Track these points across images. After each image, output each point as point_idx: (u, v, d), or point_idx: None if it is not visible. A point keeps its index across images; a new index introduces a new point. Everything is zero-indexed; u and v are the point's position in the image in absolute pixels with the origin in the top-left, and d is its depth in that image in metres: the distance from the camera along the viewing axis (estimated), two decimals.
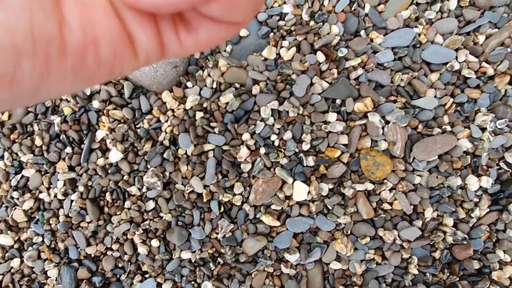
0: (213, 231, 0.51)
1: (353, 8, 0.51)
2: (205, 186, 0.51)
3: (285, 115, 0.49)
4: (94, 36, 0.13)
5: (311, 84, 0.50)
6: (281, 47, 0.52)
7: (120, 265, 0.53)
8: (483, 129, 0.48)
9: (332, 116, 0.49)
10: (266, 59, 0.52)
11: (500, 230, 0.48)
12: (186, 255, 0.51)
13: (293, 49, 0.51)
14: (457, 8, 0.50)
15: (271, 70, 0.51)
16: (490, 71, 0.48)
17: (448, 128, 0.48)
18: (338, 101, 0.50)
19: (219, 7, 0.13)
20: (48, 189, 0.54)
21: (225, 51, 0.53)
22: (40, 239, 0.53)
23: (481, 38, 0.49)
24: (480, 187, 0.48)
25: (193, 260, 0.51)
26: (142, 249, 0.51)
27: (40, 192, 0.54)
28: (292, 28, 0.52)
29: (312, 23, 0.52)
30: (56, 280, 0.53)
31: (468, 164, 0.48)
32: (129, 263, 0.52)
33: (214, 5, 0.13)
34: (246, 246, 0.50)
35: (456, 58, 0.49)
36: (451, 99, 0.48)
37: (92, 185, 0.53)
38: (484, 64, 0.49)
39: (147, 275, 0.52)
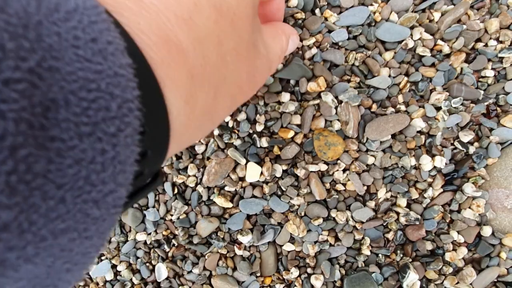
0: (167, 213, 0.51)
1: None
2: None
3: None
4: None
5: None
6: None
7: None
8: (437, 108, 0.47)
9: (285, 96, 0.48)
10: None
11: (454, 210, 0.47)
12: (141, 237, 0.51)
13: None
14: None
15: None
16: (446, 49, 0.47)
17: (403, 107, 0.48)
18: (292, 82, 0.49)
19: None
20: None
21: None
22: None
23: (436, 15, 0.48)
24: (434, 167, 0.47)
25: (148, 242, 0.51)
26: None
27: None
28: None
29: None
30: None
31: (422, 144, 0.47)
32: None
33: None
34: (199, 228, 0.50)
35: (411, 36, 0.48)
36: (406, 78, 0.48)
37: None
38: (439, 41, 0.48)
39: (103, 257, 0.52)
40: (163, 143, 0.18)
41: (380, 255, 0.47)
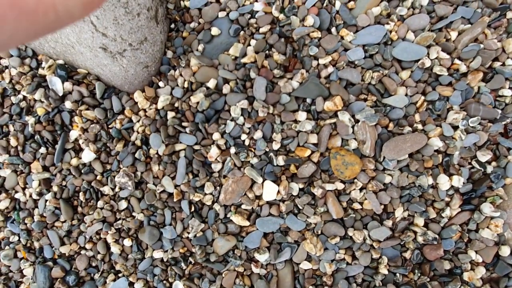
0: (184, 231, 0.51)
1: (324, 4, 0.51)
2: (176, 186, 0.51)
3: (254, 115, 0.49)
4: None
5: (272, 84, 0.49)
6: (248, 45, 0.51)
7: (93, 264, 0.53)
8: (455, 128, 0.47)
9: (301, 115, 0.48)
10: (236, 57, 0.52)
11: (472, 230, 0.47)
12: (158, 254, 0.51)
13: (252, 49, 0.50)
14: (429, 3, 0.49)
15: (239, 69, 0.51)
16: (463, 68, 0.47)
17: (419, 126, 0.48)
18: (308, 100, 0.49)
19: None
20: (23, 189, 0.54)
21: (197, 50, 0.53)
22: (16, 238, 0.54)
23: (453, 34, 0.48)
24: (452, 186, 0.47)
25: (165, 260, 0.52)
26: (115, 249, 0.52)
27: (16, 192, 0.54)
28: (261, 26, 0.51)
29: (282, 16, 0.51)
30: (31, 279, 0.53)
31: (440, 163, 0.47)
32: (103, 262, 0.53)
33: None
34: (216, 246, 0.50)
35: (428, 55, 0.48)
36: (422, 97, 0.48)
37: (66, 185, 0.53)
38: (456, 61, 0.48)
39: (120, 274, 0.53)
40: None
41: (397, 274, 0.47)
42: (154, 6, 0.51)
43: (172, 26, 0.55)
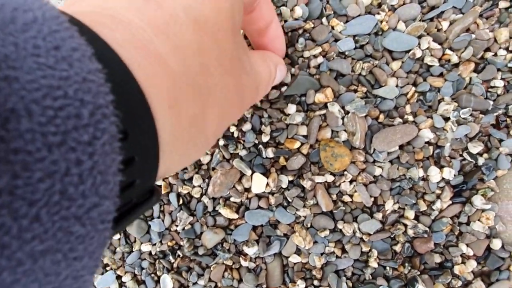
0: (172, 224, 0.51)
1: None
2: (164, 178, 0.50)
3: None
4: None
5: None
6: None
7: None
8: (446, 119, 0.47)
9: (291, 108, 0.48)
10: None
11: (463, 223, 0.46)
12: (146, 247, 0.51)
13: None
14: None
15: None
16: (454, 59, 0.47)
17: (410, 118, 0.47)
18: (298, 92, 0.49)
19: None
20: None
21: None
22: None
23: (444, 24, 0.47)
24: (443, 178, 0.46)
25: (153, 253, 0.51)
26: None
27: None
28: None
29: None
30: None
31: (431, 155, 0.47)
32: None
33: None
34: (204, 239, 0.50)
35: (419, 45, 0.47)
36: (413, 88, 0.47)
37: None
38: (447, 51, 0.47)
39: (108, 268, 0.52)
40: (151, 149, 0.18)
41: (387, 267, 0.47)
42: None
43: None
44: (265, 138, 0.48)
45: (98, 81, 0.13)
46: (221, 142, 0.49)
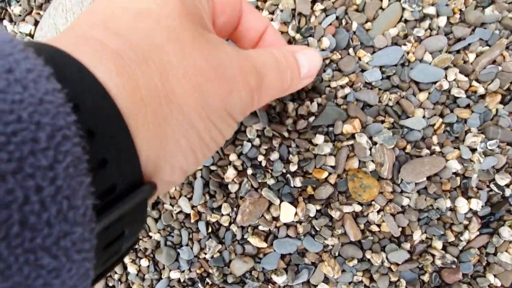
0: (201, 251, 0.51)
1: (341, 24, 0.51)
2: (193, 207, 0.51)
3: (268, 140, 0.49)
4: None
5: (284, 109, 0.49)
6: None
7: (110, 284, 0.53)
8: (473, 150, 0.47)
9: (319, 139, 0.48)
10: None
11: (490, 253, 0.47)
12: (175, 275, 0.52)
13: None
14: (447, 25, 0.49)
15: None
16: (481, 90, 0.47)
17: (437, 148, 0.48)
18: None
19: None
20: None
21: None
22: None
23: (471, 56, 0.48)
24: (470, 209, 0.47)
25: (182, 280, 0.52)
26: (131, 269, 0.52)
27: None
28: None
29: (298, 36, 0.51)
30: None
31: (458, 185, 0.47)
32: (119, 283, 0.53)
33: None
34: (233, 267, 0.50)
35: (446, 77, 0.48)
36: (440, 119, 0.48)
37: None
38: (474, 83, 0.47)
39: None
40: (130, 174, 0.17)
41: None
42: None
43: None
44: (293, 168, 0.49)
45: (57, 102, 0.12)
46: (249, 171, 0.50)
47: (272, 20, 0.52)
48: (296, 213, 0.49)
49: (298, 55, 0.33)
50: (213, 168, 0.51)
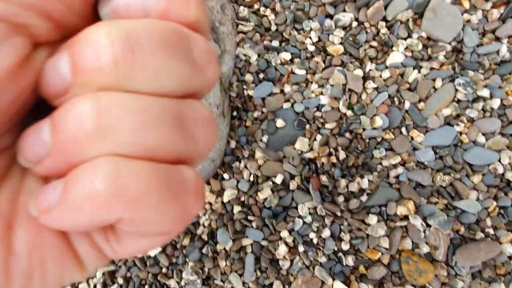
0: None
1: (394, 103, 0.51)
2: (244, 283, 0.51)
3: (320, 218, 0.49)
4: (41, 260, 0.13)
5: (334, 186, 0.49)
6: (314, 140, 0.52)
7: None
8: None
9: (372, 219, 0.49)
10: (302, 151, 0.52)
11: None
12: None
13: (318, 144, 0.51)
14: (500, 107, 0.49)
15: (305, 165, 0.51)
16: None
17: (491, 231, 0.48)
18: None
19: (127, 225, 0.12)
20: (88, 279, 0.54)
21: (261, 141, 0.54)
22: None
23: None
24: None
25: None
26: None
27: (80, 282, 0.55)
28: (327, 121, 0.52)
29: (350, 113, 0.51)
30: None
31: None
32: None
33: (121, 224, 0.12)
34: None
35: (499, 160, 0.48)
36: (494, 203, 0.48)
37: (131, 277, 0.53)
38: None
39: None
40: None
41: None
42: (221, 101, 0.51)
43: (234, 113, 0.56)
44: (345, 246, 0.49)
45: None
46: (301, 249, 0.50)
47: (322, 93, 0.53)
48: None
49: None
50: (263, 243, 0.51)
